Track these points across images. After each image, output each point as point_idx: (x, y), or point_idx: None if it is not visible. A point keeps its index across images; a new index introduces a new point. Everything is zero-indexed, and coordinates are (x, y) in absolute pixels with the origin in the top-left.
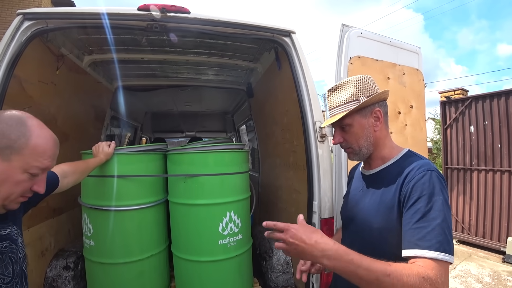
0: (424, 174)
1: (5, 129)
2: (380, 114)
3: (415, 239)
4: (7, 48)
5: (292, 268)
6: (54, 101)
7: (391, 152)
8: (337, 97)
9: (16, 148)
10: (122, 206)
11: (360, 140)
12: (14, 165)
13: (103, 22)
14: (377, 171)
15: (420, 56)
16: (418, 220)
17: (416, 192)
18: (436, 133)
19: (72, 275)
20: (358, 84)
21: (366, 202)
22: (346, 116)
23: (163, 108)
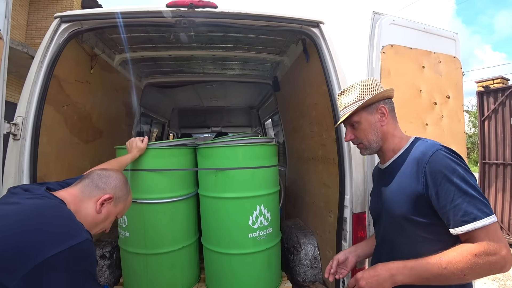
0: (436, 155)
1: (121, 185)
2: (385, 110)
3: (459, 216)
4: (47, 50)
5: (321, 263)
6: (89, 99)
7: (400, 143)
8: (345, 99)
9: (123, 200)
10: (155, 199)
11: (369, 135)
12: (117, 210)
13: (133, 21)
14: (391, 162)
15: (458, 42)
16: (452, 199)
17: (436, 175)
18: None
19: (108, 264)
20: (364, 86)
21: (387, 194)
22: (354, 114)
23: (190, 104)
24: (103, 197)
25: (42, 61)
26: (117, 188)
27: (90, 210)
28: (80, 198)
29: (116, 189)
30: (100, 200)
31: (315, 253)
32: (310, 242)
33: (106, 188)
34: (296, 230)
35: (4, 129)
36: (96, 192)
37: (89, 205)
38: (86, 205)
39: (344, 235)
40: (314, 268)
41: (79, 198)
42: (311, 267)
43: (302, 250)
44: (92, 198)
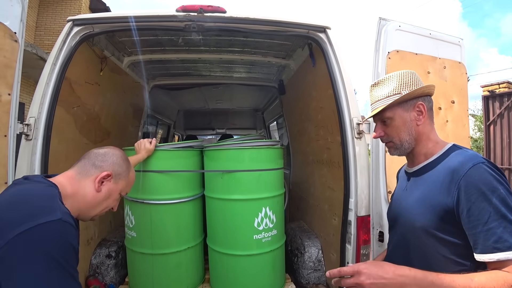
0: (476, 169)
1: (120, 161)
2: (423, 108)
3: (491, 242)
4: (60, 52)
5: (324, 266)
6: (98, 100)
7: (435, 147)
8: (379, 91)
9: (123, 176)
10: (162, 200)
11: (401, 134)
12: (118, 187)
13: (144, 25)
14: (420, 167)
15: (463, 48)
16: (486, 221)
17: (472, 191)
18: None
19: (114, 263)
20: (401, 78)
21: (409, 201)
22: (387, 109)
23: (195, 106)
24: (101, 175)
25: (54, 64)
26: (115, 165)
27: (89, 189)
28: (77, 179)
29: (114, 165)
30: (98, 178)
31: (318, 255)
32: (314, 245)
33: (104, 165)
34: (300, 233)
35: (17, 129)
36: (94, 171)
37: (88, 185)
38: (85, 185)
39: (348, 237)
40: (318, 270)
41: (77, 179)
42: (315, 270)
43: (306, 252)
44: (89, 178)
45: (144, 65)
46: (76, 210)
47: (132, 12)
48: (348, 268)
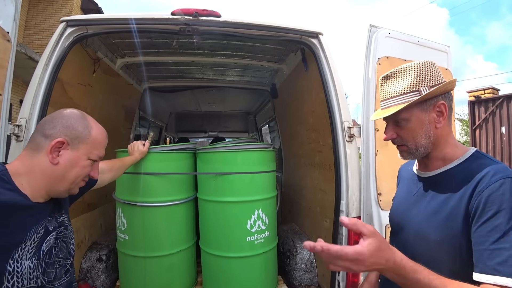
0: (503, 183)
1: (72, 123)
2: (444, 108)
3: (494, 263)
4: (52, 53)
5: (316, 268)
6: (90, 102)
7: (455, 152)
8: (392, 87)
9: (82, 138)
10: (155, 202)
11: (418, 138)
12: (81, 152)
13: (139, 27)
14: (437, 173)
15: (450, 55)
16: (497, 239)
17: (493, 205)
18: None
19: (105, 267)
20: (421, 72)
21: (421, 209)
22: (403, 110)
23: (187, 108)
24: (51, 145)
25: (47, 64)
26: (67, 129)
27: (45, 164)
28: (29, 157)
29: (66, 130)
30: (49, 149)
31: (310, 257)
32: None
33: (53, 133)
34: (292, 235)
35: (8, 130)
36: (44, 142)
37: (42, 159)
38: (39, 161)
39: (339, 239)
40: (310, 272)
41: (29, 157)
42: (307, 271)
43: (298, 254)
44: (42, 151)
45: (137, 67)
46: (38, 187)
47: (128, 14)
48: (350, 250)
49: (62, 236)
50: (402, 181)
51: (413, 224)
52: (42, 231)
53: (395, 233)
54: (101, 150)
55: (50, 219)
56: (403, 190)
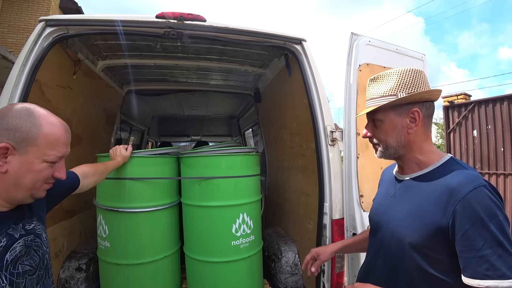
0: (477, 192)
1: (16, 123)
2: (418, 115)
3: (483, 269)
4: (30, 53)
5: (301, 270)
6: (70, 104)
7: (430, 158)
8: (375, 89)
9: (30, 140)
10: (137, 208)
11: (388, 139)
12: (31, 156)
13: (122, 29)
14: (413, 177)
15: (425, 63)
16: (481, 247)
17: (470, 215)
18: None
19: (84, 277)
20: (402, 78)
21: (398, 211)
22: (378, 110)
23: (170, 112)
24: None
25: (24, 65)
26: (9, 131)
27: None
28: None
29: (9, 132)
30: None
31: (295, 260)
32: (290, 249)
33: None
34: (277, 238)
35: None
36: None
37: None
38: None
39: (323, 240)
40: (295, 274)
41: None
42: (292, 274)
43: (283, 257)
44: None
45: (119, 70)
46: None
47: (112, 16)
48: None
49: (33, 245)
50: (383, 182)
51: (390, 225)
52: (4, 240)
53: (373, 232)
54: (59, 149)
55: (16, 227)
56: (383, 192)
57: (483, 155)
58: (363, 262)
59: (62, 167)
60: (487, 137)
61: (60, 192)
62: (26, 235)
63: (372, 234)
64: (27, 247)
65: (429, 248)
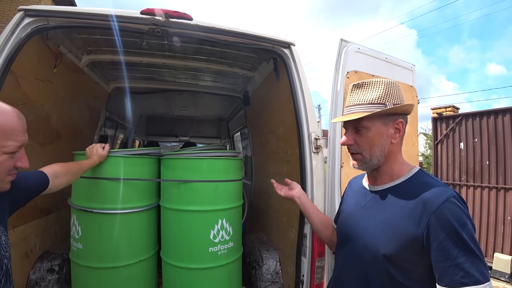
0: (449, 203)
1: None
2: (402, 126)
3: (459, 277)
4: (6, 43)
5: (282, 278)
6: (49, 99)
7: (401, 169)
8: (361, 95)
9: None
10: (113, 209)
11: (374, 148)
12: None
13: (105, 24)
14: (385, 188)
15: (415, 73)
16: (456, 256)
17: (444, 226)
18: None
19: (57, 279)
20: (389, 88)
21: (370, 223)
22: (365, 118)
23: (158, 111)
24: None
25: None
26: None
27: None
28: None
29: None
30: None
31: (276, 268)
32: (272, 257)
33: None
34: (259, 245)
35: None
36: None
37: None
38: None
39: (304, 250)
40: (276, 283)
41: None
42: (273, 282)
43: (264, 264)
44: None
45: (105, 66)
46: None
47: (94, 9)
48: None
49: None
50: (351, 193)
51: (362, 237)
52: None
53: (342, 244)
54: (17, 138)
55: None
56: (352, 203)
57: (469, 167)
58: (331, 277)
59: (23, 156)
60: (473, 149)
61: (25, 192)
62: None
63: (341, 246)
64: None
65: (403, 259)
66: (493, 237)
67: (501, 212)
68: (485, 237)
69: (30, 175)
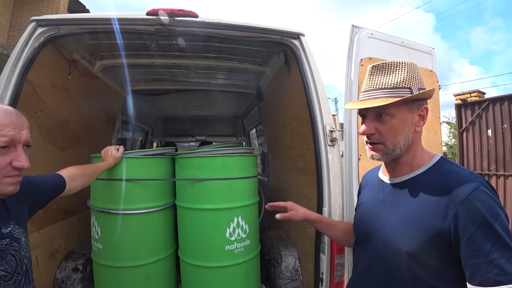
0: (479, 193)
1: None
2: (426, 112)
3: (493, 274)
4: (21, 53)
5: (301, 276)
6: (66, 105)
7: (422, 158)
8: (383, 78)
9: None
10: (130, 210)
11: (398, 137)
12: None
13: (113, 27)
14: (405, 180)
15: (434, 57)
16: (489, 251)
17: (475, 218)
18: (451, 137)
19: (81, 277)
20: (412, 71)
21: (390, 218)
22: (392, 104)
23: (174, 112)
24: None
25: (15, 65)
26: None
27: None
28: None
29: None
30: None
31: (295, 265)
32: (291, 254)
33: None
34: (278, 242)
35: None
36: None
37: None
38: None
39: (322, 247)
40: (295, 280)
41: None
42: (292, 280)
43: (283, 262)
44: None
45: (118, 70)
46: None
47: (101, 14)
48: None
49: (10, 249)
50: (368, 187)
51: (382, 233)
52: None
53: (360, 243)
54: (3, 132)
55: None
56: (369, 197)
57: (498, 155)
58: (351, 277)
59: (20, 155)
60: (502, 136)
61: (42, 194)
62: (1, 239)
63: (359, 245)
64: (3, 252)
65: (429, 256)
66: None
67: None
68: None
69: (47, 178)
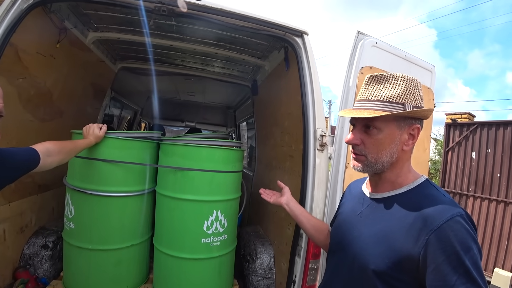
0: (454, 222)
1: None
2: (417, 132)
3: None
4: (6, 14)
5: (275, 274)
6: (51, 75)
7: (407, 177)
8: (378, 90)
9: None
10: (107, 192)
11: (382, 152)
12: None
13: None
14: (385, 197)
15: (434, 74)
16: (454, 283)
17: (445, 248)
18: (436, 153)
19: (50, 255)
20: (410, 87)
21: (364, 232)
22: (381, 118)
23: (165, 95)
24: None
25: None
26: None
27: None
28: None
29: None
30: None
31: (270, 263)
32: (266, 252)
33: None
34: (255, 238)
35: None
36: None
37: None
38: None
39: (298, 250)
40: (268, 278)
41: None
42: (265, 277)
43: (257, 259)
44: None
45: (112, 44)
46: None
47: None
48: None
49: None
50: (350, 197)
51: (353, 247)
52: None
53: (333, 251)
54: None
55: None
56: (348, 208)
57: (479, 178)
58: (321, 282)
59: None
60: (485, 160)
61: (12, 169)
62: None
63: (332, 253)
64: None
65: (394, 278)
66: (495, 251)
67: (507, 227)
68: (487, 251)
69: (18, 151)
